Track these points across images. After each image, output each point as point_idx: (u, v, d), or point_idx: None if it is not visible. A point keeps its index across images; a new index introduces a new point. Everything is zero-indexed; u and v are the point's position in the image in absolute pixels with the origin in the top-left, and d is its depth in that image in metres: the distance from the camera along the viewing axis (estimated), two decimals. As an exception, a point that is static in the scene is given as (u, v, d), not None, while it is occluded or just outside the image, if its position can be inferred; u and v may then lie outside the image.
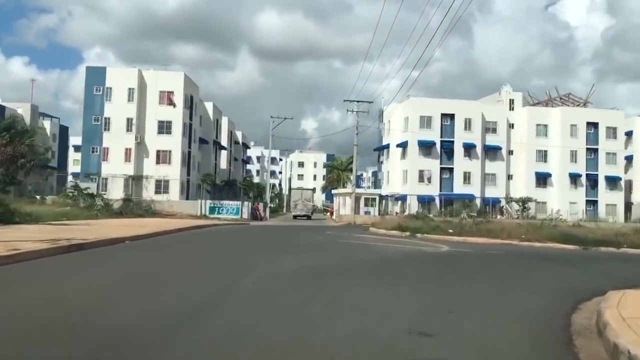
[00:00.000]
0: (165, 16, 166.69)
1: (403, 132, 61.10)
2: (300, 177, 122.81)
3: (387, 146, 64.10)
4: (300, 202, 63.02)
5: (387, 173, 64.56)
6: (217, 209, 51.79)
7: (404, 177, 60.88)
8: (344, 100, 50.65)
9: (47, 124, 75.16)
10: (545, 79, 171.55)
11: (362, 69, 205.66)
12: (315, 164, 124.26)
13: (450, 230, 27.64)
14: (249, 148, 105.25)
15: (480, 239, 24.14)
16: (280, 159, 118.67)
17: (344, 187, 71.66)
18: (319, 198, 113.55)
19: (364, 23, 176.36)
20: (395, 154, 62.56)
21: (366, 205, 57.68)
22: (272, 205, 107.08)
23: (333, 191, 67.45)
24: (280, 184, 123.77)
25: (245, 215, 51.83)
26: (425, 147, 59.95)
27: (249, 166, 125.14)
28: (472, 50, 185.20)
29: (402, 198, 58.91)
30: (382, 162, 66.69)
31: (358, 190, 55.07)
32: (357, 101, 50.86)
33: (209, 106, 69.04)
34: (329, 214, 79.34)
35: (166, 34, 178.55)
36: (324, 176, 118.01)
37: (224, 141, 79.54)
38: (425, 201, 57.82)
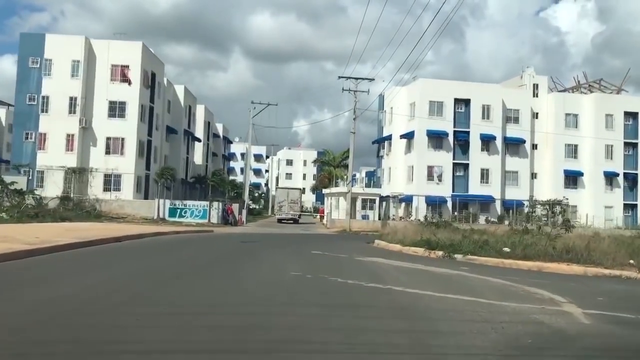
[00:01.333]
0: (157, 16, 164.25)
1: (409, 121, 51.07)
2: (289, 176, 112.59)
3: (389, 137, 54.03)
4: (285, 203, 53.02)
5: (389, 170, 54.48)
6: (179, 210, 41.68)
7: (409, 174, 50.86)
8: (339, 77, 40.67)
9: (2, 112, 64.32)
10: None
11: (354, 70, 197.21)
12: (305, 162, 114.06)
13: (506, 250, 17.64)
14: (231, 143, 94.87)
15: (570, 267, 14.38)
16: (267, 157, 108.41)
17: (336, 186, 61.50)
18: (310, 200, 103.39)
19: (356, 25, 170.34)
20: (399, 147, 52.51)
21: (363, 207, 47.69)
22: (256, 207, 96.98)
23: (324, 191, 57.35)
24: (267, 184, 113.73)
25: (214, 219, 41.75)
26: (436, 139, 49.95)
27: (232, 164, 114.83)
28: (463, 54, 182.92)
29: (407, 199, 48.86)
30: (382, 156, 56.61)
31: (354, 190, 44.97)
32: (355, 78, 40.85)
33: (179, 90, 58.71)
34: (319, 216, 69.59)
35: (158, 34, 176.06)
36: (314, 175, 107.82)
37: (198, 132, 69.26)
38: (435, 203, 47.83)
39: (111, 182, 43.51)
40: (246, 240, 23.40)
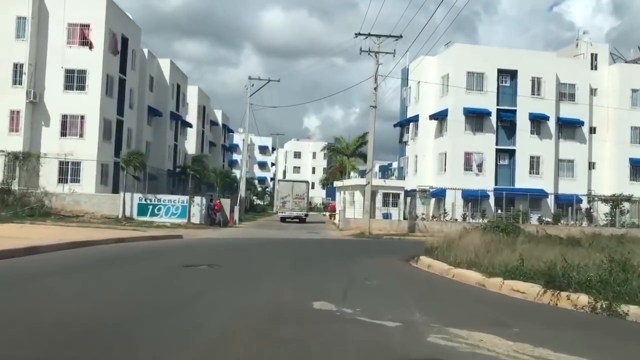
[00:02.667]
0: (169, 12, 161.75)
1: (440, 97, 41.57)
2: (297, 169, 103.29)
3: (415, 119, 44.49)
4: (289, 198, 43.88)
5: (414, 158, 44.95)
6: (151, 207, 32.76)
7: (440, 163, 41.38)
8: (356, 34, 31.16)
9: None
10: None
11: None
12: (314, 155, 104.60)
13: None
14: (232, 132, 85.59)
15: None
16: (273, 149, 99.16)
17: (349, 178, 52.02)
18: (319, 195, 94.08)
19: (368, 21, 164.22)
20: (428, 130, 43.01)
21: (385, 204, 38.31)
22: (260, 203, 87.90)
23: (336, 183, 47.95)
24: (273, 178, 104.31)
25: (195, 218, 32.73)
26: (475, 119, 40.41)
27: (235, 156, 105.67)
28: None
29: (438, 194, 39.33)
30: (405, 142, 47.07)
31: (375, 182, 35.55)
32: (377, 35, 31.35)
33: (164, 64, 49.52)
34: (328, 212, 60.39)
35: (170, 30, 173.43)
36: (324, 169, 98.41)
37: (191, 117, 60.14)
38: (475, 198, 38.37)
39: (68, 171, 34.40)
40: (206, 257, 14.10)
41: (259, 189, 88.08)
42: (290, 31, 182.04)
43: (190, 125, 57.62)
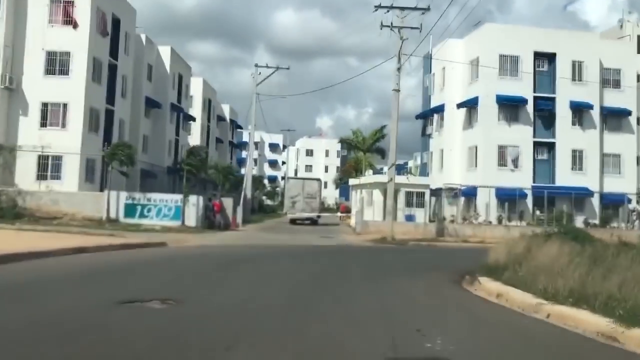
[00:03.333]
0: (182, 14, 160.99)
1: (469, 84, 37.04)
2: (309, 168, 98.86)
3: (440, 109, 39.92)
4: (300, 198, 39.66)
5: (440, 153, 40.37)
6: (140, 208, 28.63)
7: (470, 158, 36.85)
8: (376, 7, 26.69)
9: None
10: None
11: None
12: (327, 153, 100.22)
13: None
14: (241, 128, 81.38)
15: None
16: (284, 147, 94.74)
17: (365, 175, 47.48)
18: (332, 195, 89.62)
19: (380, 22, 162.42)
20: (455, 121, 38.44)
21: (408, 204, 33.90)
22: (270, 203, 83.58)
23: (351, 181, 43.52)
24: (284, 177, 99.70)
25: (191, 220, 28.52)
26: (509, 108, 35.80)
27: (244, 154, 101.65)
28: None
29: (469, 193, 34.76)
30: (429, 135, 42.49)
31: (398, 179, 31.05)
32: (401, 8, 26.89)
33: (164, 52, 45.41)
34: (339, 213, 56.12)
35: (183, 32, 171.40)
36: (337, 168, 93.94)
37: (195, 111, 56.11)
38: (510, 198, 33.78)
39: (48, 166, 30.34)
40: (173, 282, 9.83)
41: (269, 188, 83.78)
42: (304, 31, 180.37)
43: (193, 119, 53.56)
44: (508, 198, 33.82)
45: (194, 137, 56.07)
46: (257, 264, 14.02)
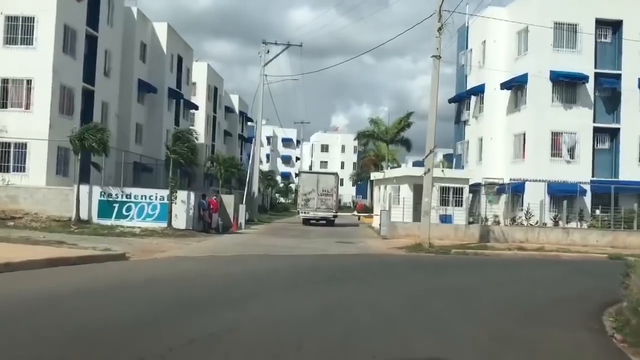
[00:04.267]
0: (198, 12, 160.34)
1: (516, 60, 31.12)
2: (324, 164, 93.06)
3: (479, 89, 33.92)
4: (314, 195, 34.24)
5: (478, 142, 34.42)
6: (117, 206, 23.18)
7: (516, 147, 30.93)
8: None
9: None
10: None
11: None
12: (343, 148, 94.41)
13: None
14: (251, 121, 75.82)
15: None
16: (298, 142, 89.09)
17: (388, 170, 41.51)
18: (349, 193, 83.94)
19: (397, 19, 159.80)
20: (497, 104, 32.47)
21: (443, 202, 28.23)
22: (283, 201, 78.19)
23: (374, 176, 37.67)
24: (298, 174, 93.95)
25: (180, 221, 23.15)
26: (566, 86, 29.79)
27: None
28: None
29: (517, 188, 28.84)
30: (465, 121, 36.52)
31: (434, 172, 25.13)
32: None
33: (160, 29, 39.96)
34: (357, 213, 50.84)
35: (199, 30, 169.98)
36: (354, 164, 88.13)
37: (199, 99, 50.78)
38: (568, 194, 27.86)
39: (9, 155, 25.07)
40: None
41: (281, 185, 78.53)
42: (318, 29, 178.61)
43: (195, 107, 48.19)
44: (564, 194, 27.90)
45: (198, 129, 50.55)
46: (233, 304, 8.35)
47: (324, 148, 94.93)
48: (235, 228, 27.29)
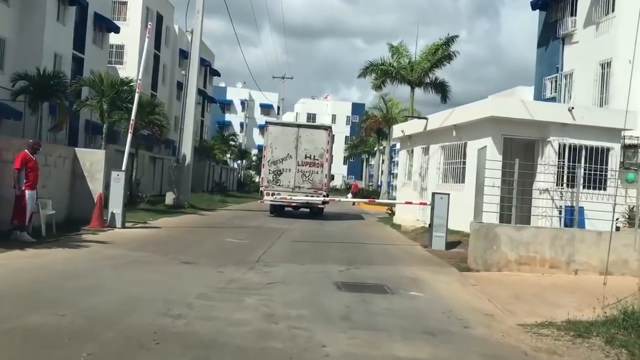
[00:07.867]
0: None
1: None
2: (310, 136, 77.27)
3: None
4: (291, 163, 18.31)
5: (597, 71, 18.77)
6: None
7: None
8: None
9: None
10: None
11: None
12: (334, 118, 78.71)
13: None
14: (218, 75, 59.67)
15: None
16: (279, 108, 72.89)
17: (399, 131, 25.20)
18: (339, 173, 68.50)
19: (390, 2, 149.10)
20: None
21: (561, 181, 12.10)
22: (257, 180, 62.72)
23: (399, 128, 21.40)
24: (263, 126, 77.68)
25: None
26: None
27: (228, 117, 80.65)
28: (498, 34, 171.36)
29: None
30: (562, 37, 20.77)
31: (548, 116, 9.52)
32: None
33: None
34: (350, 196, 36.65)
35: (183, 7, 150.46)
36: (347, 137, 72.53)
37: (131, 26, 34.84)
38: None
39: None
40: None
41: (255, 159, 63.45)
42: (310, 11, 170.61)
43: (114, 29, 32.33)
44: None
45: (128, 69, 34.55)
46: None
47: (311, 117, 78.96)
48: (96, 224, 11.70)
